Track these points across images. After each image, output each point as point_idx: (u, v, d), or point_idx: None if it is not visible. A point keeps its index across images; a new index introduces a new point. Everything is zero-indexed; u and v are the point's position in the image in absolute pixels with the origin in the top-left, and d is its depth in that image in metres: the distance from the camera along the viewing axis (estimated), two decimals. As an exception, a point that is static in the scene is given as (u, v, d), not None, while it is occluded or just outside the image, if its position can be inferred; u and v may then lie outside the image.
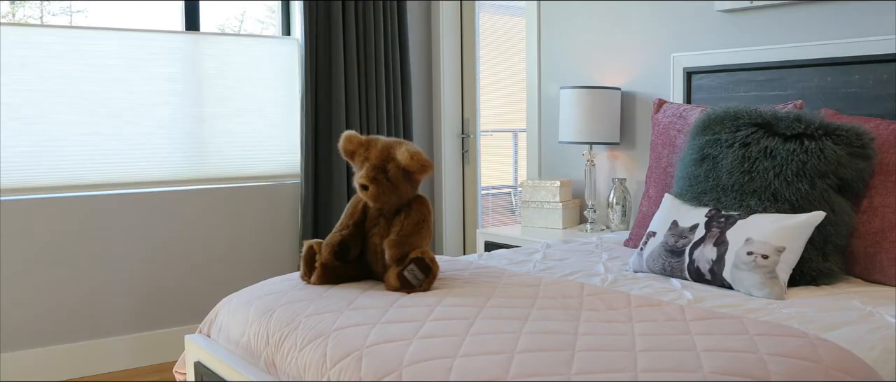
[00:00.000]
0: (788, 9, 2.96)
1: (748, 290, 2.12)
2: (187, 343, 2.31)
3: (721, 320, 1.71)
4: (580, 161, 3.80)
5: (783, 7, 2.97)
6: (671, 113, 2.90)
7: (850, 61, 2.74)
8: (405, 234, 2.10)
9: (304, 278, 2.22)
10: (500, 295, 1.98)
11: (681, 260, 2.27)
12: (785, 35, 2.98)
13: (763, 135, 2.35)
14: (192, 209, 3.84)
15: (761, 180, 2.30)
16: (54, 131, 3.52)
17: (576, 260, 2.60)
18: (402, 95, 4.28)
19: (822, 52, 2.82)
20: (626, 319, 1.75)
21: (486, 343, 1.59)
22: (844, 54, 2.75)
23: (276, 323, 1.96)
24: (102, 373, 3.61)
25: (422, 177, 2.13)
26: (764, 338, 1.58)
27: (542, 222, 3.68)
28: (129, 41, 3.68)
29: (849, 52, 2.74)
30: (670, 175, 2.81)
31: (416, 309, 1.86)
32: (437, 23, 4.50)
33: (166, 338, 3.78)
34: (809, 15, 2.90)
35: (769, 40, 3.03)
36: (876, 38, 2.66)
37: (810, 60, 2.85)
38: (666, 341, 1.57)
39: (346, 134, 2.19)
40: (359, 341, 1.70)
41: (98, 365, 3.60)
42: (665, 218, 2.42)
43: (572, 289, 2.02)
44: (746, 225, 2.20)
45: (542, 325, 1.69)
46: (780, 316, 1.87)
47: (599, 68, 3.69)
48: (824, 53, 2.81)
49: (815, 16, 2.89)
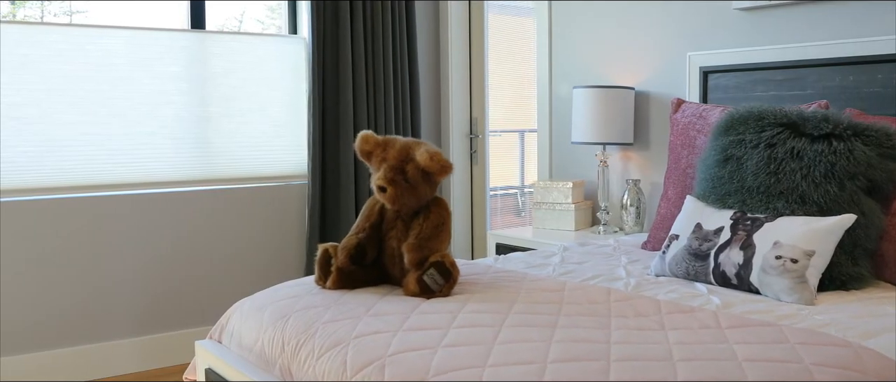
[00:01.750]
0: (808, 7, 2.90)
1: (777, 295, 2.05)
2: (198, 349, 2.25)
3: (758, 327, 1.64)
4: (592, 161, 3.74)
5: (803, 5, 2.91)
6: (690, 113, 2.84)
7: (872, 60, 2.68)
8: (424, 238, 2.04)
9: (319, 282, 2.15)
10: (524, 300, 1.92)
11: (705, 263, 2.21)
12: (805, 33, 2.92)
13: (789, 135, 2.29)
14: (197, 210, 3.77)
15: (788, 182, 2.23)
16: (57, 131, 3.45)
17: (595, 263, 2.54)
18: (410, 95, 4.22)
19: (843, 51, 2.75)
20: (658, 326, 1.69)
21: (515, 353, 1.53)
22: (867, 53, 2.69)
23: (291, 330, 1.89)
24: (107, 377, 3.54)
25: (441, 178, 2.06)
26: (806, 347, 1.51)
27: (554, 224, 3.62)
28: (134, 39, 3.61)
29: (872, 51, 2.68)
30: (690, 176, 2.74)
31: (438, 316, 1.80)
32: (446, 22, 4.44)
33: (171, 341, 3.71)
34: (830, 13, 2.84)
35: (789, 39, 2.97)
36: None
37: (831, 59, 2.79)
38: (704, 350, 1.51)
39: (362, 134, 2.13)
40: (381, 349, 1.63)
41: (103, 369, 3.54)
42: (688, 220, 2.35)
43: (599, 295, 1.95)
44: (774, 228, 2.14)
45: (572, 333, 1.63)
46: (814, 322, 1.80)
47: (612, 67, 3.63)
48: (846, 52, 2.75)
49: (836, 14, 2.82)
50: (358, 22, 3.99)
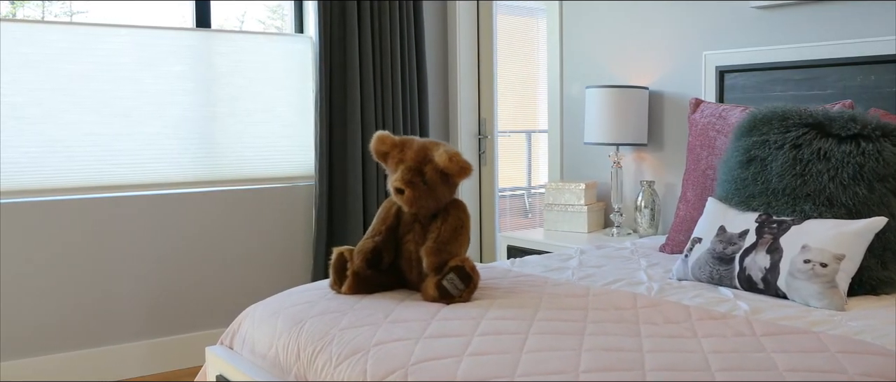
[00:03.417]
0: (828, 5, 2.84)
1: (805, 300, 2.00)
2: (208, 355, 2.19)
3: (794, 335, 1.58)
4: (603, 162, 3.68)
5: (823, 3, 2.85)
6: (709, 113, 2.78)
7: (894, 59, 2.63)
8: (443, 241, 1.98)
9: (334, 287, 2.09)
10: (548, 306, 1.86)
11: (730, 267, 2.15)
12: (824, 32, 2.86)
13: (816, 136, 2.23)
14: (203, 211, 3.71)
15: (815, 184, 2.18)
16: (60, 131, 3.39)
17: (614, 266, 2.48)
18: (418, 95, 4.16)
19: (864, 50, 2.70)
20: (690, 334, 1.63)
21: (545, 362, 1.47)
22: (889, 52, 2.63)
23: (307, 337, 1.83)
24: (112, 381, 3.49)
25: (461, 179, 2.01)
26: (847, 357, 1.46)
27: (567, 225, 3.56)
28: (138, 38, 3.55)
29: (894, 50, 2.62)
30: (710, 177, 2.68)
31: (461, 323, 1.74)
32: (454, 22, 4.38)
33: (177, 344, 3.65)
34: (850, 11, 2.78)
35: (807, 37, 2.91)
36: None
37: (852, 58, 2.73)
38: (741, 359, 1.45)
39: (378, 134, 2.07)
40: (403, 358, 1.57)
41: (108, 373, 3.47)
42: (711, 223, 2.30)
43: (624, 300, 1.89)
44: (801, 231, 2.08)
45: (602, 341, 1.57)
46: (849, 329, 1.75)
47: (625, 67, 3.57)
48: (867, 51, 2.69)
49: (857, 12, 2.77)
50: (365, 21, 3.93)
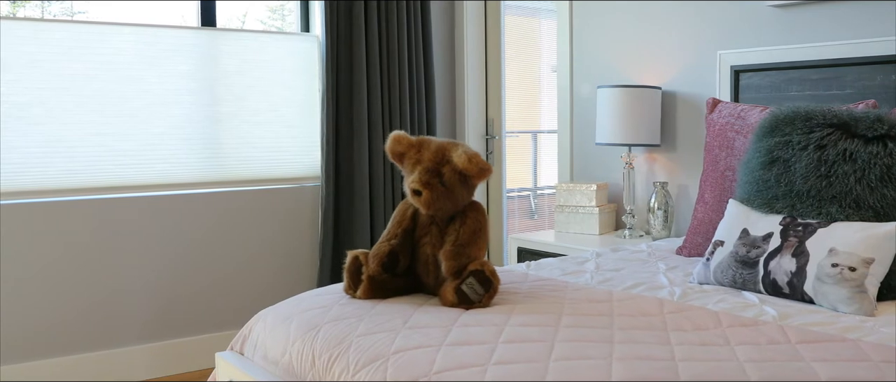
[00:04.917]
0: (846, 3, 2.79)
1: (833, 305, 1.94)
2: (218, 361, 2.13)
3: (832, 343, 1.53)
4: (615, 163, 3.62)
5: (840, 1, 2.80)
6: (728, 113, 2.73)
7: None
8: (462, 244, 1.92)
9: (349, 291, 2.03)
10: (572, 312, 1.80)
11: (754, 271, 2.10)
12: (842, 31, 2.81)
13: (841, 136, 2.18)
14: (208, 213, 3.65)
15: (841, 185, 2.12)
16: (63, 131, 3.33)
17: (632, 270, 2.42)
18: (425, 95, 4.10)
19: (884, 49, 2.64)
20: (722, 342, 1.57)
21: (575, 372, 1.41)
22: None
23: (323, 343, 1.78)
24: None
25: (480, 181, 1.95)
26: (891, 367, 1.40)
27: (578, 227, 3.50)
28: (143, 37, 3.49)
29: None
30: (729, 179, 2.63)
31: (483, 330, 1.68)
32: (462, 22, 4.32)
33: (182, 347, 3.59)
34: (868, 9, 2.73)
35: (826, 36, 2.86)
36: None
37: (872, 57, 2.68)
38: (780, 369, 1.39)
39: (394, 134, 2.01)
40: (424, 366, 1.52)
41: (113, 376, 3.41)
42: (733, 226, 2.24)
43: (650, 306, 1.84)
44: (828, 234, 2.02)
45: (632, 349, 1.51)
46: (882, 336, 1.69)
47: (636, 67, 3.52)
48: (887, 50, 2.64)
49: (875, 10, 2.71)
50: (372, 21, 3.87)
